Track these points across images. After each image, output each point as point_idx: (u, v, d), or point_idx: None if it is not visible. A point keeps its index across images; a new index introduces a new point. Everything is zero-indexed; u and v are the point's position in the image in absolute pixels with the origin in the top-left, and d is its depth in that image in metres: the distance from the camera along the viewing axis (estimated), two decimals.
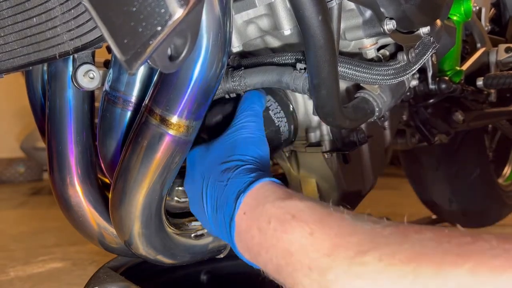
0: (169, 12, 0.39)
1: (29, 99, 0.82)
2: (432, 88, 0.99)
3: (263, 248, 0.53)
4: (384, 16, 0.68)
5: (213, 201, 0.62)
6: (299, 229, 0.50)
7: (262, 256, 0.54)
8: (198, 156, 0.68)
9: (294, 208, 0.53)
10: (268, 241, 0.53)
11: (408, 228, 0.45)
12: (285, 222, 0.52)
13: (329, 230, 0.48)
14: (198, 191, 0.65)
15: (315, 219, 0.50)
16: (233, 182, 0.60)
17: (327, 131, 0.85)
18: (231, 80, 0.73)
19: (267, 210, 0.54)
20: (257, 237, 0.54)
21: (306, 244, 0.49)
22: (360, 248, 0.45)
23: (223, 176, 0.62)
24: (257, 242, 0.54)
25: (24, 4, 0.55)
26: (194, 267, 1.02)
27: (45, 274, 1.58)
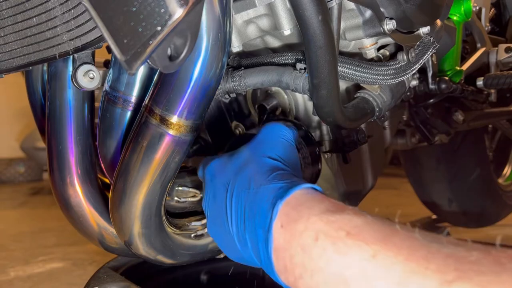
0: (169, 12, 0.39)
1: (29, 99, 0.82)
2: (432, 88, 0.99)
3: (307, 271, 0.44)
4: (384, 16, 0.68)
5: (240, 212, 0.53)
6: (357, 250, 0.40)
7: (305, 281, 0.44)
8: (218, 168, 0.61)
9: (348, 223, 0.43)
10: (314, 262, 0.43)
11: (500, 253, 0.36)
12: (337, 240, 0.42)
13: (397, 252, 0.39)
14: (220, 206, 0.57)
15: (377, 237, 0.41)
16: (267, 188, 0.51)
17: (327, 131, 0.85)
18: (231, 80, 0.73)
19: (312, 224, 0.45)
20: (300, 256, 0.45)
21: (367, 269, 0.39)
22: (443, 276, 0.35)
23: (253, 182, 0.53)
24: (299, 263, 0.45)
25: (24, 4, 0.55)
26: (194, 267, 1.02)
27: (45, 274, 1.58)
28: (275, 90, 0.82)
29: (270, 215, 0.48)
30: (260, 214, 0.50)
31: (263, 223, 0.49)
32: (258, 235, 0.50)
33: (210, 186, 0.61)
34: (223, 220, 0.57)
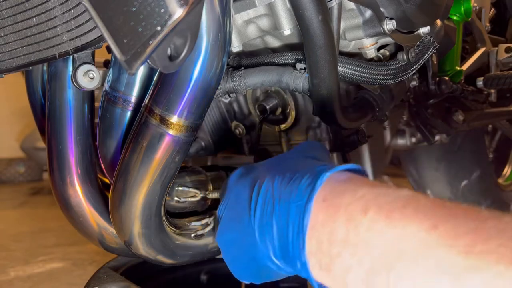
0: (169, 12, 0.39)
1: (29, 99, 0.82)
2: (432, 88, 0.99)
3: (348, 248, 0.40)
4: (384, 16, 0.68)
5: (269, 197, 0.48)
6: (417, 221, 0.37)
7: (343, 260, 0.40)
8: (245, 170, 0.57)
9: (404, 197, 0.40)
10: (360, 236, 0.39)
11: None
12: (393, 212, 0.38)
13: (463, 224, 0.35)
14: (243, 201, 0.53)
15: (436, 211, 0.37)
16: (308, 169, 0.47)
17: (327, 131, 0.85)
18: (231, 80, 0.73)
19: (361, 197, 0.41)
20: (342, 231, 0.40)
21: (428, 240, 0.35)
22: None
23: (289, 171, 0.48)
24: (339, 239, 0.40)
25: (24, 4, 0.55)
26: (194, 267, 1.02)
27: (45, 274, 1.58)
28: (275, 90, 0.82)
29: (311, 188, 0.44)
30: (298, 190, 0.45)
31: (299, 198, 0.45)
32: (290, 211, 0.45)
33: (233, 188, 0.57)
34: (242, 215, 0.52)
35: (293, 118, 0.84)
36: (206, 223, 0.77)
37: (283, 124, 0.85)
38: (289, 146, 0.89)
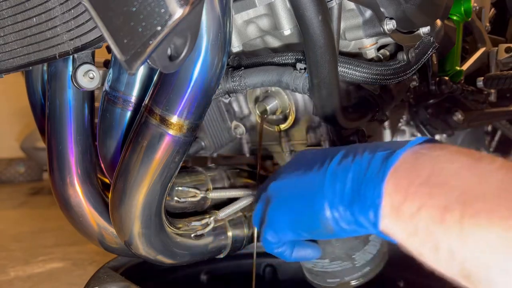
0: (169, 12, 0.39)
1: (29, 99, 0.82)
2: (432, 88, 0.99)
3: (426, 186, 0.39)
4: (384, 16, 0.68)
5: (349, 152, 0.48)
6: (503, 169, 0.36)
7: (417, 197, 0.39)
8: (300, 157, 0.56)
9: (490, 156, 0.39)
10: (442, 178, 0.38)
11: None
12: (480, 160, 0.38)
13: None
14: (314, 157, 0.52)
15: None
16: (386, 146, 0.46)
17: (327, 131, 0.85)
18: (231, 80, 0.73)
19: (458, 151, 0.41)
20: (424, 173, 0.40)
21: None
22: None
23: (366, 150, 0.47)
24: (419, 181, 0.39)
25: (24, 4, 0.55)
26: (194, 267, 1.02)
27: (45, 274, 1.59)
28: (275, 90, 0.82)
29: (399, 145, 0.44)
30: (384, 146, 0.45)
31: (386, 149, 0.44)
32: (374, 157, 0.45)
33: (300, 153, 0.56)
34: (311, 166, 0.51)
35: (293, 118, 0.84)
36: (206, 223, 0.77)
37: (283, 124, 0.85)
38: (289, 146, 0.89)
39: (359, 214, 0.45)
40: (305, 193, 0.51)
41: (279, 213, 0.55)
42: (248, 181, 0.87)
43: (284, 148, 0.89)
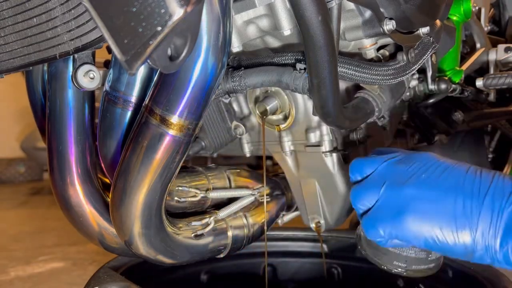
0: (169, 12, 0.39)
1: (29, 99, 0.82)
2: (431, 88, 0.99)
3: None
4: (383, 16, 0.68)
5: (498, 185, 0.58)
6: None
7: None
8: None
9: None
10: None
11: None
12: None
13: None
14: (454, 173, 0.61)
15: None
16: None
17: (327, 131, 0.85)
18: (231, 80, 0.73)
19: None
20: None
21: None
22: None
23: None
24: None
25: (25, 4, 0.55)
26: (194, 267, 1.02)
27: (45, 274, 1.59)
28: (275, 90, 0.82)
29: None
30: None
31: None
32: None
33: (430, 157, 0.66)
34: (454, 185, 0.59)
35: (293, 118, 0.84)
36: (206, 223, 0.77)
37: (283, 124, 0.85)
38: (289, 146, 0.89)
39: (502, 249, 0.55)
40: (453, 217, 0.58)
41: (416, 225, 0.60)
42: (248, 181, 0.87)
43: (284, 148, 0.89)
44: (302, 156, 0.90)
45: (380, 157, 0.69)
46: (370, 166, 0.69)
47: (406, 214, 0.61)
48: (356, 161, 0.71)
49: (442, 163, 0.64)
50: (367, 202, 0.66)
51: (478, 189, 0.59)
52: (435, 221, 0.59)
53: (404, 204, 0.61)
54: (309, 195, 0.93)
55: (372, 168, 0.68)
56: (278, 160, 0.94)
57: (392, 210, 0.62)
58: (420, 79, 0.99)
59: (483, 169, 0.62)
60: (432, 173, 0.63)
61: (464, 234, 0.57)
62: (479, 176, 0.60)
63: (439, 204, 0.59)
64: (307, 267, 1.11)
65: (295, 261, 1.11)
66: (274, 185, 0.94)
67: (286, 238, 1.11)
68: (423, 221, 0.60)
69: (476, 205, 0.57)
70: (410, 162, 0.65)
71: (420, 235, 0.60)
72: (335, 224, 0.96)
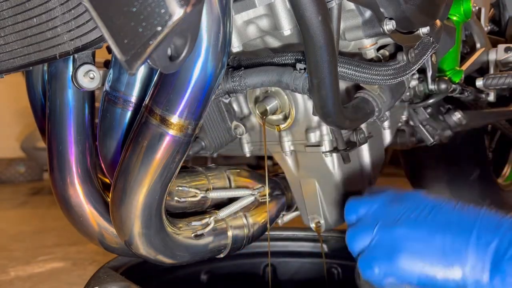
0: (169, 12, 0.39)
1: (30, 99, 0.82)
2: (431, 88, 0.99)
3: None
4: (383, 17, 0.68)
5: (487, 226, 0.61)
6: None
7: None
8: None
9: None
10: None
11: None
12: None
13: None
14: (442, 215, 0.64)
15: None
16: None
17: (327, 131, 0.85)
18: (231, 80, 0.73)
19: None
20: None
21: None
22: None
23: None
24: None
25: (25, 4, 0.55)
26: (194, 267, 1.02)
27: (45, 274, 1.59)
28: (275, 90, 0.82)
29: None
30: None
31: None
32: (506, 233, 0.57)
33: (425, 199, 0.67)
34: (447, 226, 0.62)
35: (293, 118, 0.84)
36: (206, 223, 0.77)
37: (283, 124, 0.85)
38: (289, 146, 0.89)
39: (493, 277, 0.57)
40: (443, 254, 0.61)
41: (408, 263, 0.63)
42: (248, 181, 0.87)
43: (284, 148, 0.89)
44: (302, 156, 0.90)
45: (372, 198, 0.72)
46: (364, 207, 0.72)
47: (399, 253, 0.63)
48: (351, 202, 0.75)
49: (431, 202, 0.67)
50: (362, 243, 0.68)
51: (465, 226, 0.62)
52: (427, 259, 0.62)
53: (397, 243, 0.64)
54: (309, 195, 0.93)
55: (365, 209, 0.71)
56: (278, 160, 0.94)
57: (385, 250, 0.65)
58: (420, 79, 0.99)
59: (470, 205, 0.65)
60: (422, 212, 0.65)
61: (454, 270, 0.60)
62: (465, 212, 0.64)
63: (429, 242, 0.62)
64: (307, 267, 1.11)
65: (295, 261, 1.11)
66: (274, 185, 0.94)
67: (286, 238, 1.11)
68: (415, 260, 0.62)
69: (464, 242, 0.60)
70: (401, 202, 0.68)
71: (413, 273, 0.62)
72: (335, 224, 0.96)
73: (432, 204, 0.66)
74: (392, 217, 0.67)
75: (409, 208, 0.67)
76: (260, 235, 0.87)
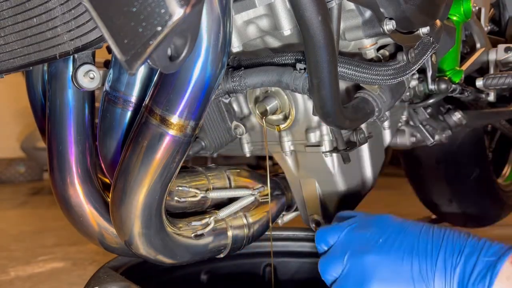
0: (169, 12, 0.39)
1: (30, 99, 0.82)
2: (431, 88, 0.99)
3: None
4: (383, 17, 0.68)
5: (449, 248, 0.61)
6: None
7: None
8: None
9: None
10: None
11: None
12: None
13: None
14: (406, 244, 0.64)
15: None
16: (489, 242, 0.60)
17: (327, 131, 0.85)
18: (231, 80, 0.73)
19: None
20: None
21: None
22: None
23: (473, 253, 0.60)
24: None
25: (25, 4, 0.55)
26: (194, 267, 1.02)
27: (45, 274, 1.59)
28: (275, 90, 0.82)
29: (500, 252, 0.58)
30: (488, 249, 0.59)
31: (490, 255, 0.58)
32: (477, 264, 0.58)
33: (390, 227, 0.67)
34: (409, 251, 0.63)
35: (293, 118, 0.84)
36: (206, 223, 0.77)
37: (283, 124, 0.85)
38: (289, 146, 0.89)
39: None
40: (412, 280, 0.62)
41: None
42: (248, 181, 0.87)
43: (284, 147, 0.89)
44: (302, 156, 0.90)
45: (340, 225, 0.73)
46: (332, 235, 0.72)
47: (369, 282, 0.64)
48: (319, 232, 0.75)
49: (397, 225, 0.67)
50: (334, 273, 0.69)
51: (431, 250, 0.62)
52: (396, 286, 0.63)
53: (367, 272, 0.65)
54: (309, 195, 0.93)
55: (334, 237, 0.72)
56: (278, 160, 0.94)
57: (357, 279, 0.65)
58: (420, 79, 0.99)
59: (435, 228, 0.65)
60: (389, 237, 0.66)
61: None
62: (431, 236, 0.64)
63: (397, 268, 0.63)
64: (307, 267, 1.10)
65: (295, 261, 1.11)
66: (274, 185, 0.94)
67: (286, 238, 1.11)
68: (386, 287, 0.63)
69: (430, 267, 0.61)
70: (368, 227, 0.69)
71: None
72: None
73: (399, 228, 0.67)
74: (360, 244, 0.67)
75: (376, 233, 0.67)
76: (260, 235, 0.87)
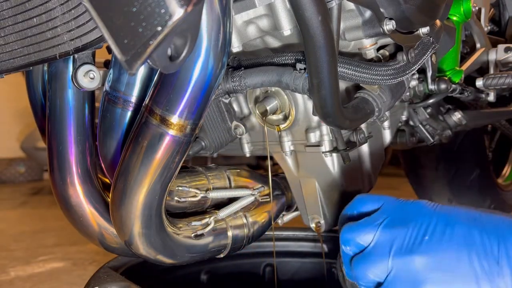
0: (169, 12, 0.39)
1: (30, 99, 0.82)
2: (431, 88, 0.99)
3: None
4: (383, 17, 0.68)
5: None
6: None
7: None
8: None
9: None
10: None
11: None
12: None
13: None
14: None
15: None
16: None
17: (327, 131, 0.85)
18: (231, 80, 0.73)
19: None
20: None
21: None
22: None
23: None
24: None
25: (25, 4, 0.55)
26: (194, 267, 1.02)
27: (45, 274, 1.59)
28: (275, 90, 0.82)
29: None
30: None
31: None
32: None
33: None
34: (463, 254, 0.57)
35: (293, 118, 0.84)
36: (206, 223, 0.77)
37: (283, 124, 0.85)
38: (289, 146, 0.89)
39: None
40: (477, 281, 0.56)
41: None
42: (248, 181, 0.87)
43: (284, 147, 0.89)
44: (302, 156, 0.90)
45: (369, 222, 0.65)
46: (362, 234, 0.65)
47: (424, 287, 0.58)
48: (345, 231, 0.67)
49: (438, 215, 0.62)
50: (375, 277, 0.62)
51: (489, 242, 0.57)
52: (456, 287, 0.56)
53: (418, 276, 0.58)
54: (309, 195, 0.93)
55: (366, 237, 0.64)
56: (278, 160, 0.94)
57: (407, 284, 0.59)
58: (420, 79, 0.99)
59: (482, 213, 0.60)
60: (435, 231, 0.60)
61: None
62: (481, 224, 0.58)
63: (453, 268, 0.57)
64: (307, 267, 1.11)
65: (295, 261, 1.11)
66: (274, 185, 0.94)
67: (286, 238, 1.11)
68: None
69: (493, 261, 0.55)
70: (405, 221, 0.63)
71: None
72: (335, 224, 0.96)
73: (441, 218, 0.61)
74: (403, 243, 0.61)
75: (418, 228, 0.61)
76: (260, 235, 0.87)
